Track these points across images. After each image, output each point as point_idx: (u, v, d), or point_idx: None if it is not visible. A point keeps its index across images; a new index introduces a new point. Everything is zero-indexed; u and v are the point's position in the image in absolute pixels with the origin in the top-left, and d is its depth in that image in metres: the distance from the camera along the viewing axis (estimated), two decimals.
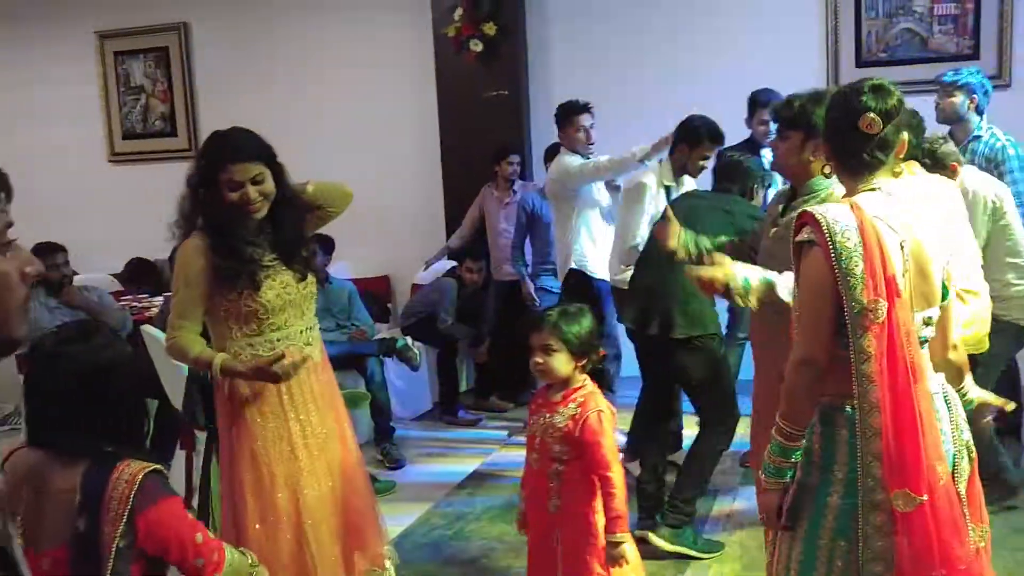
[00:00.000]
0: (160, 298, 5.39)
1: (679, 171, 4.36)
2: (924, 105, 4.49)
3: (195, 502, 4.21)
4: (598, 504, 2.63)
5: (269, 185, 2.68)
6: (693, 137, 4.21)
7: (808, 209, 2.03)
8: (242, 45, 6.99)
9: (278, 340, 2.77)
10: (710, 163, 4.26)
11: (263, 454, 2.73)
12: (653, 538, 3.68)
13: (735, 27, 5.90)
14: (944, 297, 2.10)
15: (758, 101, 4.90)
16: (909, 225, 2.01)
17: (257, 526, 2.71)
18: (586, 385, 2.69)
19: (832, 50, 5.78)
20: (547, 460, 2.66)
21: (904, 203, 2.06)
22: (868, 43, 5.75)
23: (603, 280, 4.87)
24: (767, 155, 4.70)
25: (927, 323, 2.05)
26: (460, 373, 6.01)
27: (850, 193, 2.08)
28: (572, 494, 2.64)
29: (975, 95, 4.34)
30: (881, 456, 1.93)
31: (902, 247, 1.98)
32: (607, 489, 2.57)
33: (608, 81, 6.09)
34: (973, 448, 2.12)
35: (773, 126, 4.03)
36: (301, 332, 2.83)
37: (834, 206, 2.02)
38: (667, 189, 4.30)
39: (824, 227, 1.95)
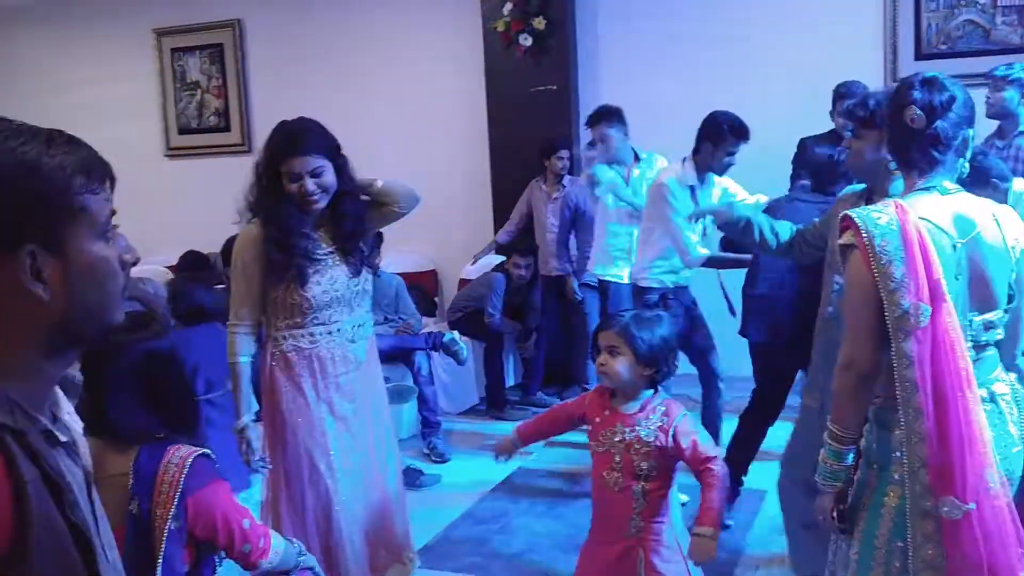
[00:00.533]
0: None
1: (703, 170, 4.25)
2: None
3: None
4: (672, 517, 2.52)
5: (328, 178, 2.70)
6: (716, 134, 4.09)
7: (849, 212, 1.99)
8: (294, 41, 7.07)
9: (320, 335, 2.79)
10: (735, 159, 4.16)
11: (293, 444, 2.78)
12: None
13: (791, 20, 5.80)
14: (1012, 300, 2.03)
15: (840, 93, 4.78)
16: (972, 221, 1.96)
17: (284, 510, 2.78)
18: (660, 392, 2.54)
19: (890, 43, 5.65)
20: (631, 478, 2.46)
21: (964, 203, 2.00)
22: (928, 35, 5.61)
23: (605, 279, 5.01)
24: None
25: (988, 327, 1.99)
26: (506, 368, 6.01)
27: (908, 191, 2.03)
28: (655, 514, 2.48)
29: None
30: (928, 462, 1.88)
31: (955, 249, 1.93)
32: (710, 480, 2.41)
33: (658, 75, 6.04)
34: None
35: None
36: (347, 328, 2.84)
37: (877, 207, 1.97)
38: (691, 189, 4.21)
39: (862, 230, 1.92)
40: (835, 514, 2.08)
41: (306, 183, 2.66)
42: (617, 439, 2.48)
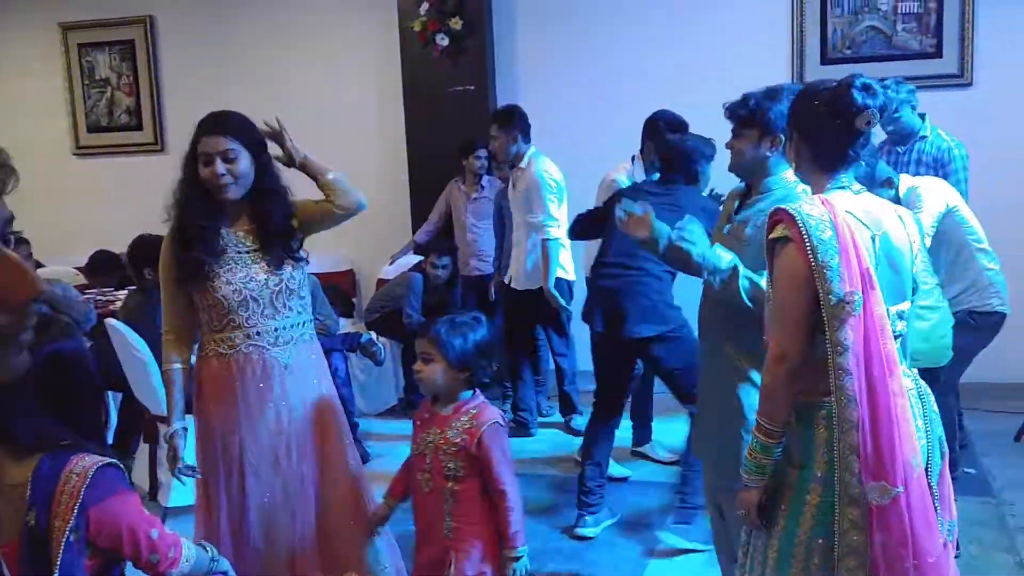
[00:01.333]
0: (124, 291, 5.34)
1: (649, 168, 4.40)
2: None
3: (160, 495, 4.20)
4: (490, 525, 2.48)
5: (242, 166, 2.58)
6: (653, 131, 4.23)
7: (783, 206, 2.04)
8: (208, 39, 6.95)
9: (239, 338, 2.66)
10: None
11: (210, 450, 2.70)
12: (665, 536, 3.72)
13: (701, 23, 5.93)
14: (915, 292, 2.13)
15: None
16: (879, 219, 2.04)
17: (202, 515, 2.73)
18: (478, 395, 2.54)
19: (798, 47, 5.82)
20: (440, 479, 2.47)
21: (871, 202, 2.08)
22: (833, 40, 5.79)
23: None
24: None
25: (900, 317, 2.07)
26: None
27: (818, 190, 2.10)
28: (468, 515, 2.46)
29: (912, 103, 4.38)
30: (858, 449, 1.93)
31: (874, 240, 2.01)
32: (505, 504, 2.43)
33: (573, 77, 6.12)
34: (945, 444, 2.15)
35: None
36: (268, 332, 2.68)
37: (807, 202, 2.03)
38: None
39: (799, 222, 1.97)
40: (757, 509, 2.09)
41: (216, 165, 2.54)
42: (429, 440, 2.50)
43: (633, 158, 4.50)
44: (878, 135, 4.31)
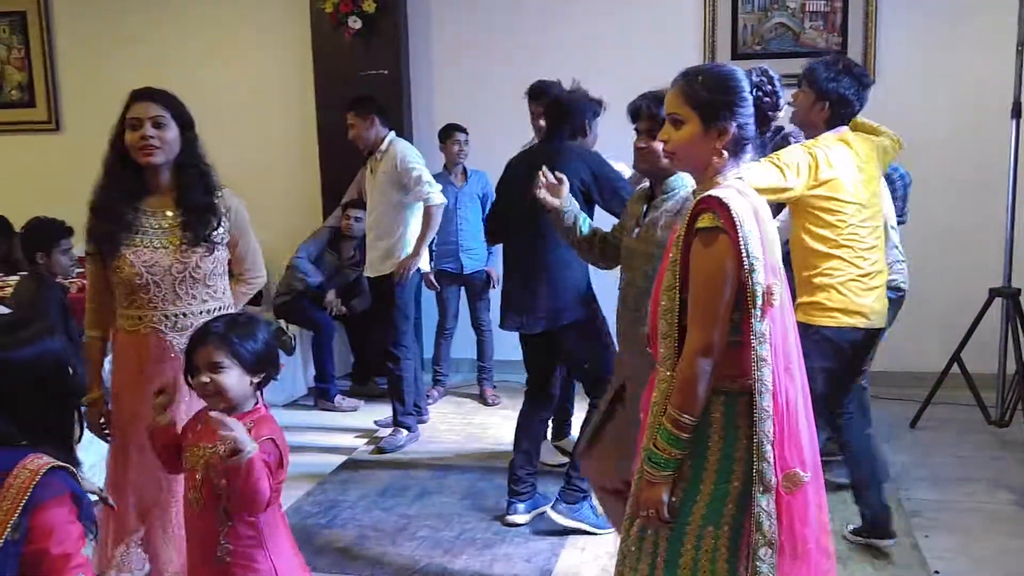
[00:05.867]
0: (15, 277, 5.07)
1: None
2: None
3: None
4: (277, 546, 2.26)
5: (170, 134, 2.65)
6: (538, 94, 4.34)
7: (713, 194, 1.97)
8: (107, 14, 6.64)
9: (142, 318, 2.71)
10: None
11: (118, 424, 2.80)
12: (551, 514, 3.71)
13: (615, 12, 5.94)
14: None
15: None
16: (760, 204, 2.05)
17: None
18: (260, 408, 2.31)
19: (709, 42, 5.89)
20: (213, 499, 2.21)
21: (750, 188, 2.08)
22: (743, 36, 5.88)
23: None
24: None
25: None
26: (334, 356, 5.89)
27: (711, 184, 2.03)
28: (244, 538, 2.21)
29: None
30: (774, 438, 1.94)
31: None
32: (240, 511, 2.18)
33: (488, 62, 6.07)
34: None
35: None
36: (168, 317, 2.70)
37: (729, 193, 1.97)
38: None
39: (732, 213, 1.93)
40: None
41: (145, 128, 2.62)
42: (200, 454, 2.26)
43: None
44: None
